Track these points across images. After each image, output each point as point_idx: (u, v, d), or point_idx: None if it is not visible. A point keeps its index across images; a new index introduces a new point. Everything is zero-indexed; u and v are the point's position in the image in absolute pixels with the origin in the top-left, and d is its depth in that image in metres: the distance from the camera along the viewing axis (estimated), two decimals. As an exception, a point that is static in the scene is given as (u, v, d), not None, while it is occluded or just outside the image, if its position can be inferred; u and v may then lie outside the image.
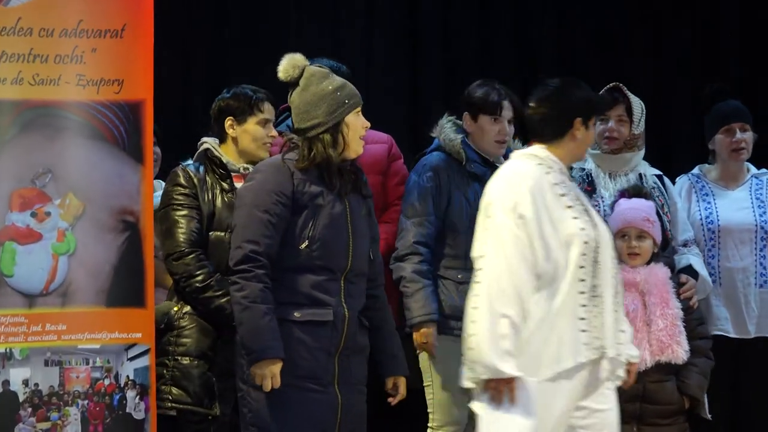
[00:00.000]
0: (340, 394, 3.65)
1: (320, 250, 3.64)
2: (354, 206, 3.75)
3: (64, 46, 3.77)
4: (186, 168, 4.01)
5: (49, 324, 3.74)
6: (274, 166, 3.69)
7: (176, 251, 3.90)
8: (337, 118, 3.68)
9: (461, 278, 4.24)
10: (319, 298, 3.64)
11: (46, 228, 3.76)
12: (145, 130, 3.84)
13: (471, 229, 4.16)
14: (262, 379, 3.54)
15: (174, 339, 3.92)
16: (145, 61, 3.84)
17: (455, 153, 4.37)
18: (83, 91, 3.79)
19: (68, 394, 3.77)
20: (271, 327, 3.54)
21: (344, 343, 3.67)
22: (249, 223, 3.61)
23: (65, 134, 3.78)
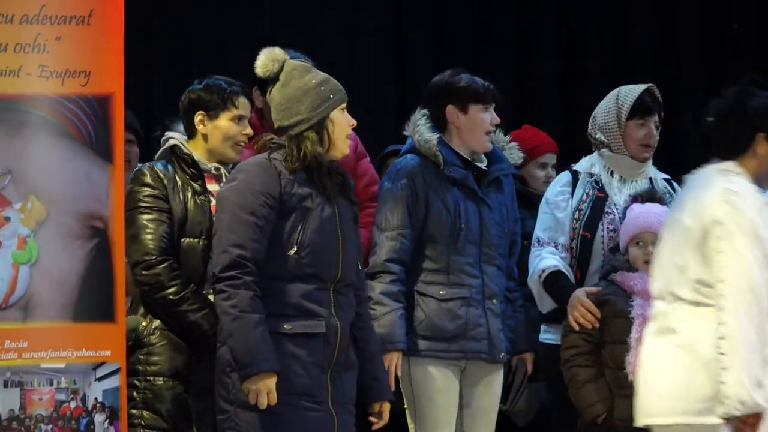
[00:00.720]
0: (335, 413, 3.43)
1: (310, 256, 3.42)
2: (342, 211, 3.54)
3: (25, 34, 3.50)
4: (153, 167, 3.72)
5: (8, 341, 3.47)
6: (260, 165, 3.47)
7: (145, 260, 3.61)
8: (322, 114, 3.48)
9: (444, 294, 3.97)
10: (309, 309, 3.42)
11: (5, 235, 3.49)
12: (115, 127, 3.56)
13: (451, 240, 3.98)
14: (257, 395, 3.31)
15: (144, 357, 3.64)
16: (115, 50, 3.56)
17: (431, 155, 4.03)
18: (46, 83, 3.51)
19: (30, 418, 3.48)
20: (264, 338, 3.32)
21: (337, 358, 3.45)
22: (234, 226, 3.39)
23: (26, 131, 3.51)
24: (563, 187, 4.27)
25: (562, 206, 4.23)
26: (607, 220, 4.18)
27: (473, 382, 4.03)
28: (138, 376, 3.63)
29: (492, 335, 3.99)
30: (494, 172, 4.11)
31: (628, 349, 3.90)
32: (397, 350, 3.90)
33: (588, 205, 4.21)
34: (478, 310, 3.99)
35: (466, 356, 3.97)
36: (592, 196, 4.22)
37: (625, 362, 3.90)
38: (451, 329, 3.95)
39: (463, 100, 4.05)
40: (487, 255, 4.03)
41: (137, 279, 3.64)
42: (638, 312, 3.93)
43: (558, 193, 4.27)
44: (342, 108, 3.51)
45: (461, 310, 3.96)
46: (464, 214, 4.00)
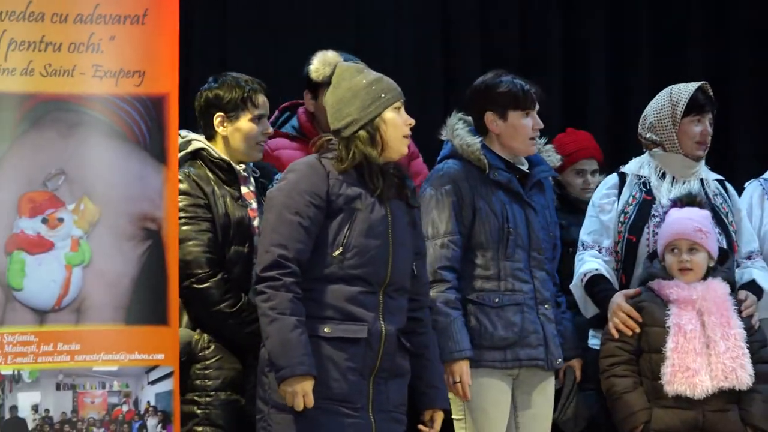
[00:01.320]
0: (374, 420, 3.37)
1: (356, 258, 3.37)
2: (396, 213, 3.48)
3: (79, 33, 3.47)
4: (189, 173, 3.67)
5: (61, 343, 3.44)
6: (308, 165, 3.43)
7: (197, 273, 3.56)
8: (373, 113, 3.43)
9: (497, 302, 3.88)
10: (352, 313, 3.37)
11: (58, 236, 3.45)
12: (169, 128, 3.52)
13: (501, 245, 3.88)
14: (293, 397, 3.26)
15: (201, 372, 3.59)
16: (170, 50, 3.53)
17: (475, 160, 3.92)
18: (100, 83, 3.48)
19: (82, 421, 3.45)
20: (302, 341, 3.27)
21: (380, 364, 3.40)
22: (278, 226, 3.35)
23: (80, 131, 3.47)
24: (609, 190, 4.21)
25: (608, 209, 4.17)
26: (653, 223, 4.11)
27: (527, 389, 3.96)
28: (197, 391, 3.58)
29: (548, 341, 3.92)
30: (536, 174, 4.03)
31: (664, 359, 3.85)
32: (465, 358, 3.81)
33: (634, 208, 4.14)
34: (532, 316, 3.91)
35: (522, 364, 3.89)
36: (638, 198, 4.15)
37: (661, 372, 3.85)
38: (507, 337, 3.87)
39: (502, 106, 3.95)
40: (536, 259, 3.95)
41: (185, 292, 3.57)
42: (674, 321, 3.88)
43: (604, 196, 4.20)
44: (397, 107, 3.46)
45: (516, 317, 3.88)
46: (512, 219, 3.92)
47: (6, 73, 3.41)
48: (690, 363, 3.82)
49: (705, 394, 3.83)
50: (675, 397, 3.84)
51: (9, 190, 3.42)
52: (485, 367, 3.85)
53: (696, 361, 3.83)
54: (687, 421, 3.84)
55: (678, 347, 3.83)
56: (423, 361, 3.53)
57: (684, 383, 3.82)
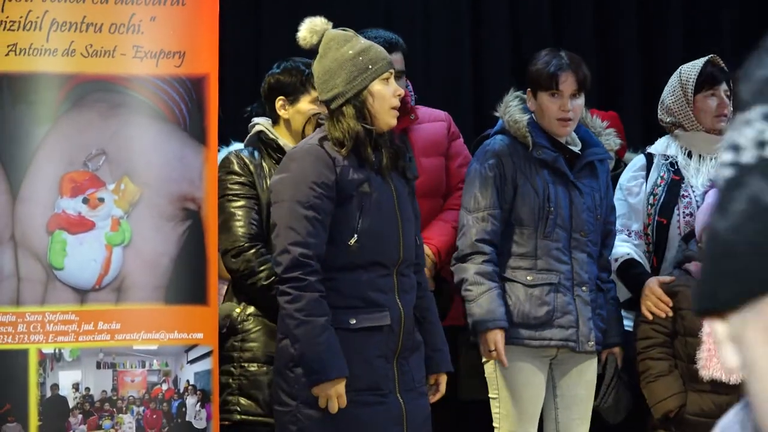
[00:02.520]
0: (403, 401, 3.34)
1: (371, 243, 3.31)
2: (399, 189, 3.41)
3: (120, 14, 3.46)
4: (240, 154, 3.66)
5: (101, 322, 3.44)
6: (311, 153, 3.30)
7: (235, 246, 3.55)
8: (359, 86, 3.29)
9: (531, 280, 3.85)
10: (374, 299, 3.32)
11: (99, 216, 3.45)
12: (209, 109, 3.51)
13: (540, 224, 3.86)
14: (327, 400, 3.22)
15: (239, 344, 3.59)
16: (210, 31, 3.51)
17: (521, 137, 3.89)
18: (141, 64, 3.47)
19: (122, 399, 3.47)
20: (332, 343, 3.21)
21: (402, 345, 3.37)
22: (293, 222, 3.24)
23: (121, 112, 3.46)
24: (636, 172, 4.16)
25: (635, 191, 4.12)
26: (683, 204, 4.07)
27: (564, 370, 3.94)
28: (233, 362, 3.58)
29: (581, 323, 3.88)
30: (588, 156, 3.97)
31: (700, 344, 3.80)
32: (500, 328, 3.78)
33: (663, 189, 4.10)
34: (567, 297, 3.87)
35: (551, 344, 3.87)
36: (667, 179, 4.11)
37: (696, 356, 3.80)
38: (539, 316, 3.84)
39: (533, 85, 3.94)
40: (577, 241, 3.91)
41: (228, 266, 3.60)
42: None
43: (631, 178, 4.16)
44: (385, 78, 3.33)
45: (549, 297, 3.85)
46: (554, 198, 3.87)
47: (48, 53, 3.41)
48: None
49: (741, 379, 3.78)
50: (710, 382, 3.80)
51: (50, 171, 3.42)
52: (515, 344, 3.83)
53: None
54: (722, 405, 3.77)
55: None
56: (426, 325, 3.49)
57: (719, 368, 3.76)
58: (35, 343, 3.40)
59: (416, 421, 3.36)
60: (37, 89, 3.42)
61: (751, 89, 0.78)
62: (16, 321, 3.39)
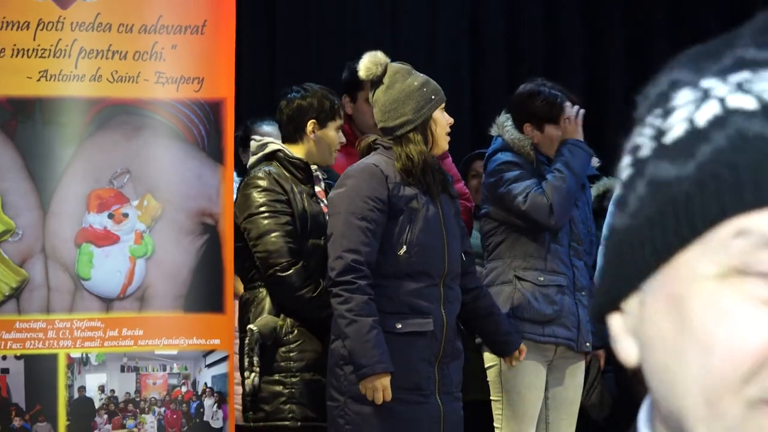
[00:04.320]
0: (441, 403, 3.59)
1: (419, 254, 3.58)
2: (445, 207, 3.69)
3: (143, 43, 3.67)
4: (270, 171, 3.86)
5: (125, 329, 3.66)
6: (367, 171, 3.60)
7: (280, 262, 3.74)
8: (425, 114, 3.62)
9: (542, 280, 4.11)
10: (420, 306, 3.58)
11: (123, 230, 3.67)
12: (226, 131, 3.73)
13: (550, 232, 4.10)
14: (374, 392, 3.46)
15: (285, 354, 3.78)
16: (227, 58, 3.73)
17: (525, 154, 4.17)
18: (162, 89, 3.68)
19: (145, 401, 3.68)
20: (379, 341, 3.46)
21: (443, 351, 3.61)
22: (347, 232, 3.52)
23: (144, 133, 3.68)
24: None
25: None
26: None
27: (559, 373, 4.18)
28: (283, 372, 3.76)
29: (581, 325, 4.13)
30: None
31: None
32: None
33: None
34: (571, 300, 4.13)
35: (556, 341, 4.10)
36: None
37: None
38: (548, 314, 4.09)
39: (539, 119, 4.18)
40: (576, 250, 4.18)
41: (270, 282, 3.77)
42: None
43: None
44: (442, 107, 3.65)
45: (557, 297, 4.11)
46: None
47: (76, 79, 3.62)
48: None
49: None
50: None
51: (78, 188, 3.62)
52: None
53: None
54: None
55: None
56: (493, 317, 3.84)
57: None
58: (64, 348, 3.61)
59: (451, 423, 3.62)
60: (66, 112, 3.63)
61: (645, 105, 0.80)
62: (47, 327, 3.60)
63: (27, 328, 3.58)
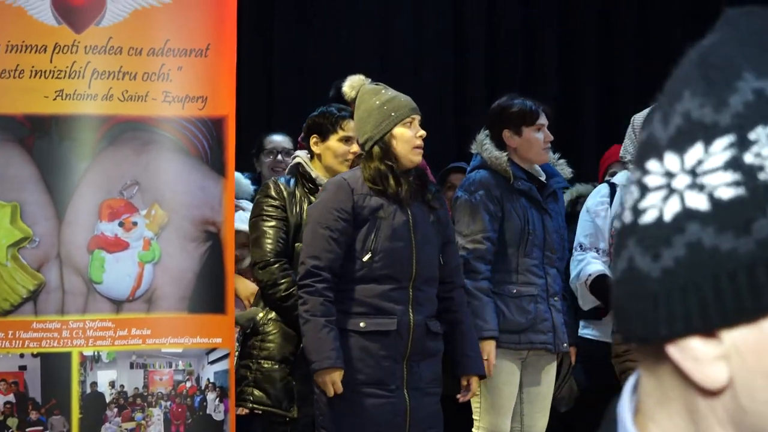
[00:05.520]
0: (409, 397, 3.81)
1: (383, 260, 3.81)
2: (418, 215, 3.90)
3: (151, 65, 3.91)
4: (277, 181, 4.18)
5: (134, 329, 3.88)
6: (335, 184, 3.87)
7: (263, 260, 4.06)
8: (383, 130, 3.84)
9: (516, 293, 4.34)
10: (384, 308, 3.81)
11: (132, 237, 3.89)
12: (227, 145, 3.97)
13: (521, 244, 4.38)
14: (324, 386, 3.73)
15: (258, 343, 4.08)
16: (228, 79, 3.97)
17: (502, 171, 4.39)
18: (169, 107, 3.91)
19: (152, 395, 3.91)
20: (330, 338, 3.71)
21: (411, 349, 3.83)
22: (312, 240, 3.81)
23: (152, 148, 3.91)
24: (603, 198, 4.63)
25: (602, 215, 4.59)
26: None
27: (534, 370, 4.43)
28: (252, 359, 4.07)
29: (556, 328, 4.37)
30: (553, 184, 4.50)
31: None
32: (492, 338, 4.24)
33: None
34: (544, 307, 4.36)
35: (533, 347, 4.34)
36: None
37: None
38: (522, 323, 4.32)
39: (516, 123, 4.43)
40: (549, 258, 4.42)
41: (255, 277, 4.09)
42: None
43: (598, 203, 4.63)
44: (407, 123, 3.85)
45: (530, 306, 4.34)
46: (531, 222, 4.38)
47: (89, 98, 3.86)
48: None
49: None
50: None
51: (91, 198, 3.86)
52: (501, 348, 4.28)
53: None
54: None
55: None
56: (457, 335, 3.98)
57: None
58: (77, 346, 3.83)
59: (419, 416, 3.84)
60: (80, 129, 3.86)
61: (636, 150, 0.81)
62: (61, 328, 3.83)
63: (43, 328, 3.81)
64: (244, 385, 4.06)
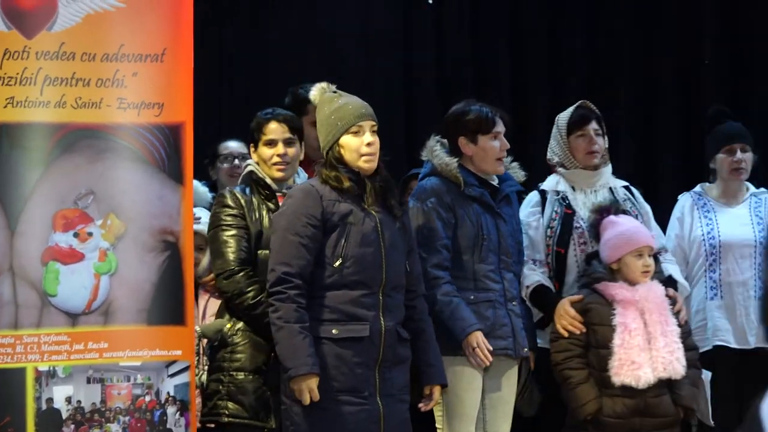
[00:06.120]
0: (382, 404, 3.80)
1: (354, 266, 3.80)
2: (385, 220, 3.89)
3: (105, 71, 3.84)
4: (233, 190, 4.12)
5: (91, 342, 3.81)
6: (303, 191, 3.86)
7: (226, 270, 3.99)
8: (331, 140, 3.87)
9: (473, 299, 4.31)
10: (356, 314, 3.79)
11: (88, 248, 3.82)
12: (185, 152, 3.92)
13: (476, 250, 4.34)
14: (300, 393, 3.69)
15: (228, 355, 4.00)
16: (185, 84, 3.91)
17: (452, 177, 4.36)
18: (124, 114, 3.85)
19: (110, 410, 3.83)
20: (305, 345, 3.69)
21: (383, 356, 3.82)
22: (282, 247, 3.78)
23: (106, 156, 3.84)
24: (533, 208, 4.61)
25: (534, 225, 4.57)
26: (576, 234, 4.52)
27: (495, 375, 4.39)
28: (223, 371, 3.98)
29: (516, 333, 4.35)
30: (505, 188, 4.47)
31: (611, 354, 4.25)
32: (478, 329, 4.20)
33: (558, 223, 4.54)
34: (502, 312, 4.33)
35: (494, 353, 4.29)
36: (560, 213, 4.55)
37: (608, 365, 4.25)
38: (481, 329, 4.26)
39: (471, 131, 4.37)
40: (505, 262, 4.39)
41: (220, 287, 4.01)
42: (620, 320, 4.28)
43: (530, 214, 4.61)
44: (354, 131, 3.84)
45: (488, 312, 4.30)
46: (485, 227, 4.34)
47: (42, 105, 3.78)
48: (634, 357, 4.23)
49: (648, 384, 4.24)
50: (621, 387, 4.25)
51: (44, 209, 3.78)
52: (461, 355, 4.25)
53: (640, 356, 4.22)
54: (631, 407, 4.26)
55: (624, 343, 4.23)
56: (421, 344, 3.97)
57: (630, 375, 4.23)
58: (32, 362, 3.75)
59: (392, 423, 3.82)
60: (32, 137, 3.78)
61: None
62: (15, 342, 3.74)
63: (-4, 344, 3.70)
64: (217, 399, 3.98)
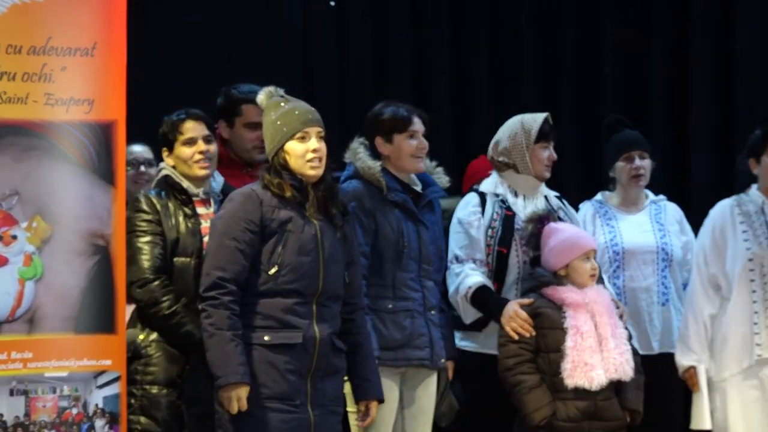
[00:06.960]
0: (313, 414, 3.73)
1: (290, 274, 3.74)
2: (325, 230, 3.84)
3: (32, 64, 3.68)
4: (148, 194, 4.01)
5: (14, 352, 3.64)
6: (244, 195, 3.80)
7: (141, 278, 3.87)
8: (276, 147, 3.82)
9: (391, 308, 4.25)
10: (289, 321, 3.73)
11: (12, 252, 3.66)
12: (117, 152, 3.77)
13: (396, 258, 4.28)
14: (229, 402, 3.62)
15: (142, 368, 3.89)
16: (118, 80, 3.77)
17: (375, 181, 4.31)
18: (52, 110, 3.70)
19: (34, 424, 3.67)
20: (236, 353, 3.63)
21: (316, 365, 3.76)
22: (218, 252, 3.72)
23: (33, 155, 3.68)
24: (474, 208, 4.57)
25: (475, 225, 4.53)
26: (518, 235, 4.52)
27: (413, 385, 4.34)
28: (136, 384, 3.86)
29: (433, 343, 4.30)
30: (428, 195, 4.43)
31: (563, 357, 4.25)
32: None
33: (499, 224, 4.53)
34: (421, 321, 4.28)
35: (410, 363, 4.26)
36: (501, 214, 4.54)
37: (560, 369, 4.25)
38: (399, 339, 4.23)
39: (387, 131, 4.34)
40: (426, 271, 4.34)
41: (133, 296, 3.87)
42: (571, 323, 4.28)
43: (470, 213, 4.56)
44: (300, 137, 3.79)
45: (406, 321, 4.25)
46: (406, 234, 4.29)
47: None
48: (587, 359, 4.24)
49: (600, 386, 4.25)
50: (573, 390, 4.25)
51: None
52: (379, 365, 4.13)
53: (592, 357, 4.24)
54: (583, 410, 4.25)
55: (576, 346, 4.24)
56: (358, 358, 3.91)
57: (582, 377, 4.23)
58: None
59: None
60: None
61: None
62: None
63: None
64: (129, 413, 3.85)
